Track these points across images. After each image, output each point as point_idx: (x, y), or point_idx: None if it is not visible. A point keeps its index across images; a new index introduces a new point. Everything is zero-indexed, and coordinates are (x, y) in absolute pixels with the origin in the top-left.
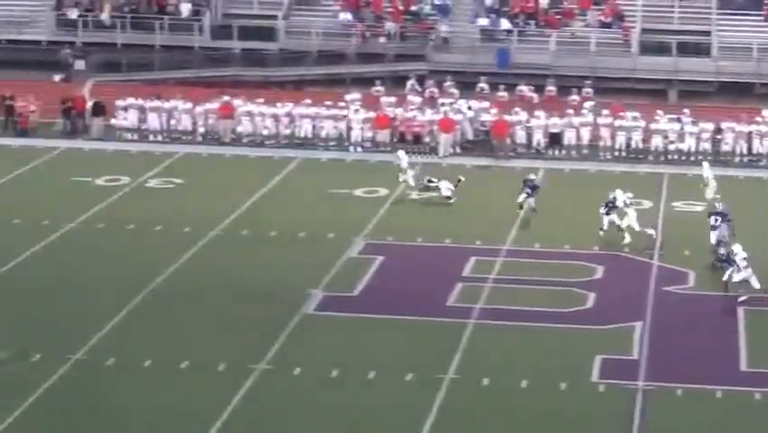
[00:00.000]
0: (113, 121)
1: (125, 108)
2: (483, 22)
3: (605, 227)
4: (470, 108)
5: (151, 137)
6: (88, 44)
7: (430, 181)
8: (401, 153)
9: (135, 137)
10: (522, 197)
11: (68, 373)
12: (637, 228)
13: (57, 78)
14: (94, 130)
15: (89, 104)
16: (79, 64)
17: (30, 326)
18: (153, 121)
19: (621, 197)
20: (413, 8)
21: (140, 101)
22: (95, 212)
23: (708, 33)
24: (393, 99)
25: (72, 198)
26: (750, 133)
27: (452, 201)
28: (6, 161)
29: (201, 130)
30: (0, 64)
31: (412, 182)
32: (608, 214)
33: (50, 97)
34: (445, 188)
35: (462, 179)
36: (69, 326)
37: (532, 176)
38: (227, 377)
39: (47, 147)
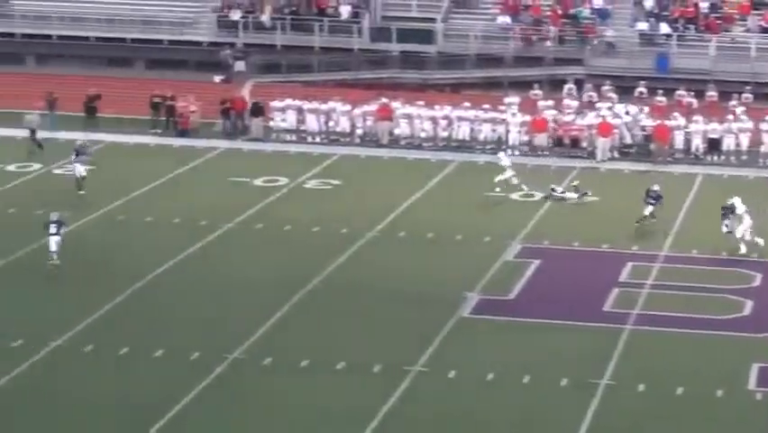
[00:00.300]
0: (271, 123)
1: (283, 109)
2: (642, 26)
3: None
4: (627, 113)
5: (310, 138)
6: (249, 45)
7: (554, 190)
8: (502, 154)
9: (294, 138)
10: (648, 209)
11: (225, 371)
12: (747, 237)
13: (217, 78)
14: (253, 130)
15: (248, 105)
16: (239, 65)
17: (187, 325)
18: (312, 122)
19: (740, 204)
20: (571, 12)
21: (297, 102)
22: (253, 212)
23: None
24: (551, 103)
25: (231, 199)
26: None
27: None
28: (167, 160)
29: (359, 132)
30: (162, 64)
31: (515, 181)
32: (724, 217)
33: (211, 98)
34: (570, 197)
35: (588, 192)
36: (227, 325)
37: (656, 186)
38: (383, 378)
39: (207, 147)
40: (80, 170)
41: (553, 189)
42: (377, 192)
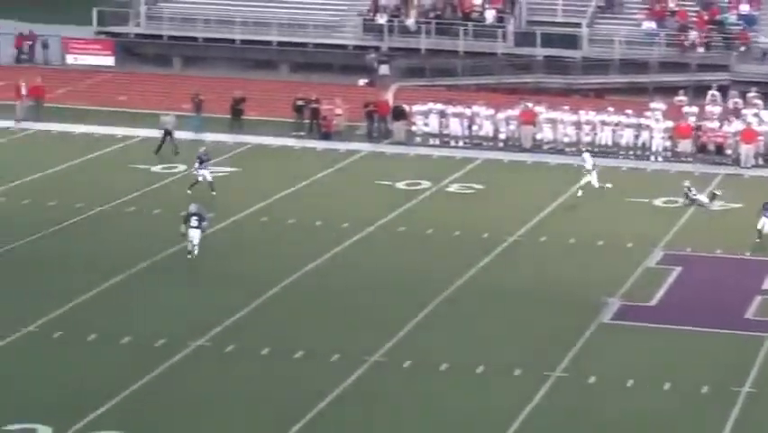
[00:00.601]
0: (413, 127)
1: (426, 113)
2: None
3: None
4: None
5: (453, 142)
6: (393, 49)
7: (690, 189)
8: (587, 155)
9: (437, 142)
10: (761, 222)
11: (365, 374)
12: None
13: (361, 82)
14: (396, 134)
15: (391, 108)
16: (384, 69)
17: (329, 327)
18: (455, 126)
19: None
20: (717, 18)
21: (441, 106)
22: (395, 216)
23: None
24: (695, 109)
25: (373, 202)
26: None
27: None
28: (311, 163)
29: (502, 136)
30: (307, 68)
31: (596, 184)
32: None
33: (355, 101)
34: (703, 200)
35: (719, 193)
36: (368, 328)
37: None
38: (522, 382)
39: (350, 150)
40: (207, 175)
41: (689, 189)
42: (519, 197)
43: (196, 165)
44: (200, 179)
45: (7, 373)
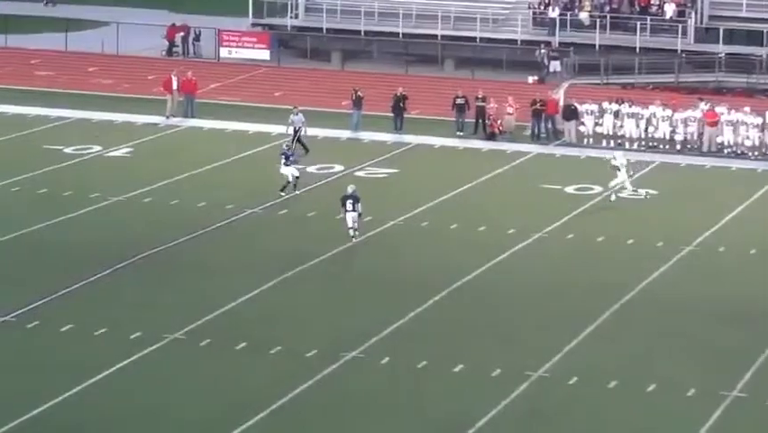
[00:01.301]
0: (580, 128)
1: (599, 113)
2: None
3: None
4: None
5: (627, 144)
6: (565, 44)
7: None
8: (619, 154)
9: (610, 144)
10: None
11: (527, 390)
12: None
13: (531, 79)
14: (566, 135)
15: (561, 107)
16: (555, 65)
17: (491, 339)
18: (630, 127)
19: None
20: None
21: (615, 106)
22: (563, 222)
23: None
24: None
25: (541, 207)
26: None
27: None
28: (475, 165)
29: (679, 138)
30: (475, 63)
31: (628, 186)
32: None
33: (524, 100)
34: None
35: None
36: (531, 340)
37: None
38: (696, 403)
39: (517, 152)
40: (294, 172)
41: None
42: (697, 203)
43: (283, 161)
44: (290, 178)
45: (154, 382)
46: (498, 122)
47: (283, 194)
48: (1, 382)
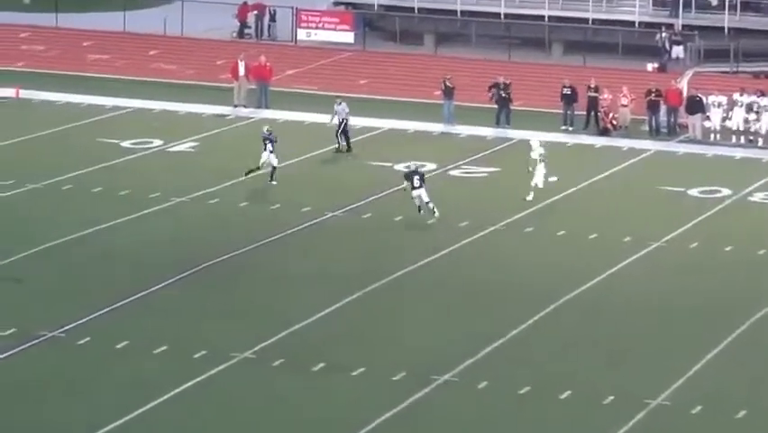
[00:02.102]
0: (706, 123)
1: (729, 106)
2: None
3: None
4: None
5: (761, 142)
6: (689, 27)
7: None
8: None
9: (741, 141)
10: None
11: (646, 420)
12: None
13: (650, 67)
14: (690, 130)
15: (685, 99)
16: (677, 51)
17: (603, 362)
18: (765, 123)
19: None
20: None
21: (746, 98)
22: (686, 229)
23: None
24: None
25: (660, 212)
26: None
27: None
28: (586, 163)
29: None
30: (586, 48)
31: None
32: None
33: (641, 90)
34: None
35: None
36: (649, 365)
37: None
38: None
39: (634, 149)
40: (273, 160)
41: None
42: None
43: (269, 148)
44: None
45: (220, 407)
46: (612, 115)
47: (274, 183)
48: (49, 405)
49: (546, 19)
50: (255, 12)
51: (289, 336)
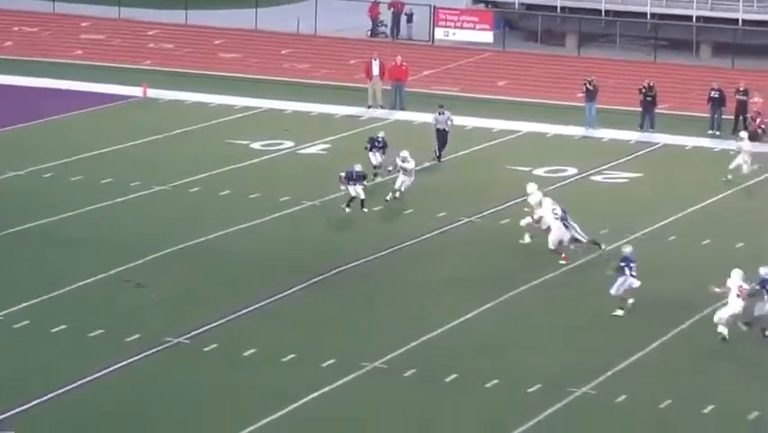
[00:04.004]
0: None
1: None
2: None
3: None
4: None
5: None
6: None
7: None
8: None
9: None
10: None
11: None
12: None
13: None
14: None
15: None
16: None
17: (745, 376)
18: None
19: None
20: None
21: None
22: None
23: None
24: None
25: None
26: None
27: None
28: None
29: None
30: (736, 49)
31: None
32: None
33: None
34: None
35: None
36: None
37: None
38: None
39: None
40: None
41: None
42: None
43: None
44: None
45: (349, 419)
46: (761, 119)
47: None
48: (175, 412)
49: (694, 19)
50: (392, 10)
51: (421, 345)
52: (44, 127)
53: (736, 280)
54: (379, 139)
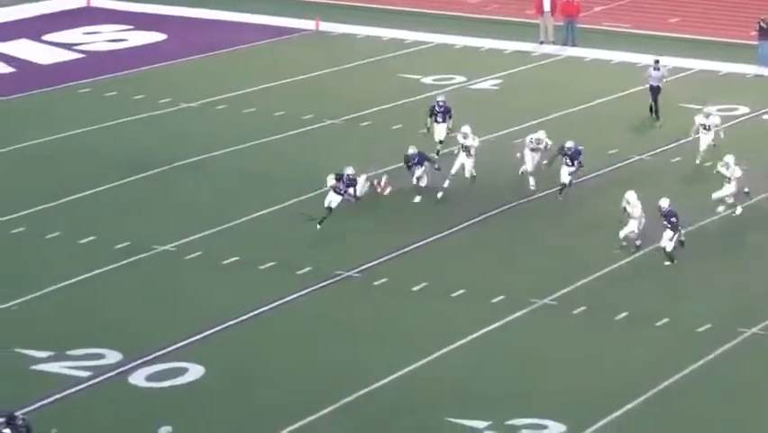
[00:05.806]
0: None
1: None
2: None
3: None
4: None
5: None
6: None
7: None
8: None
9: None
10: None
11: None
12: None
13: None
14: None
15: None
16: None
17: None
18: None
19: None
20: None
21: None
22: None
23: None
24: None
25: None
26: None
27: None
28: None
29: None
30: None
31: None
32: None
33: None
34: None
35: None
36: None
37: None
38: None
39: None
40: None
41: None
42: None
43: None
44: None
45: (518, 356)
46: None
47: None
48: (345, 344)
49: None
50: None
51: (591, 282)
52: (217, 59)
53: None
54: (440, 103)
